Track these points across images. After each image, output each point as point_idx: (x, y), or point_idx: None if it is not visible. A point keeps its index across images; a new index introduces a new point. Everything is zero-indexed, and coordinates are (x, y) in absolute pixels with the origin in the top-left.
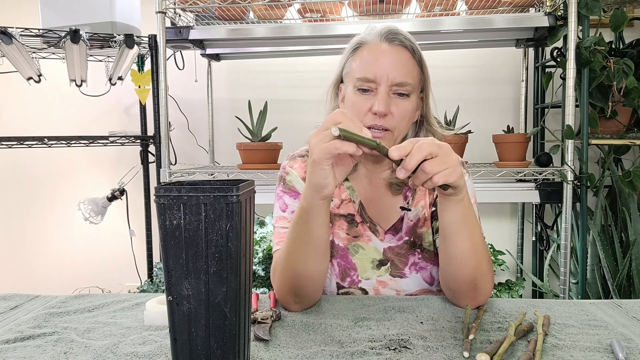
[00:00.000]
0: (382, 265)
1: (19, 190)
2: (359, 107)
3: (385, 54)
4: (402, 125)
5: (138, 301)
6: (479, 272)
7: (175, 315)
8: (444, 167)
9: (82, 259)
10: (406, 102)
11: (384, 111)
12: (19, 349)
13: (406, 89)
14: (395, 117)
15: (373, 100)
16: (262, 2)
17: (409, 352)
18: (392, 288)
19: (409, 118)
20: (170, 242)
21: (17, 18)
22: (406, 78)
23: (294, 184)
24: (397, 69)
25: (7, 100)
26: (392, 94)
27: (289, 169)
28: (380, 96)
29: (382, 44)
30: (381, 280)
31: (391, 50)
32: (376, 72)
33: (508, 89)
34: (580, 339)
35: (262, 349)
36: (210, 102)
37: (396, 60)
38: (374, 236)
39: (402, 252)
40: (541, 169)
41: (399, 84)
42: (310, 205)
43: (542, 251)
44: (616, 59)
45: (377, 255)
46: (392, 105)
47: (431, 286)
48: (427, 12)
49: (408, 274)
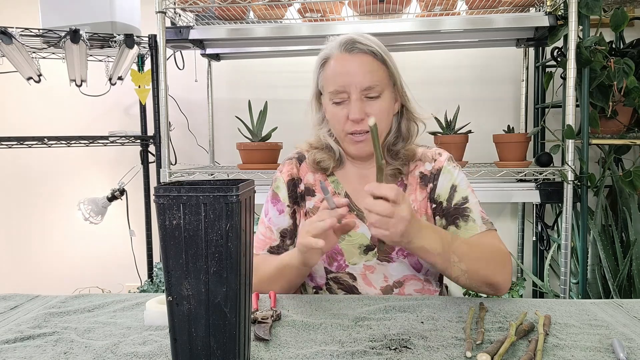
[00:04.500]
0: (370, 250)
1: (19, 190)
2: (337, 118)
3: (349, 63)
4: (382, 123)
5: (138, 301)
6: (490, 277)
7: (175, 316)
8: (384, 228)
9: (82, 259)
10: (379, 102)
11: (359, 117)
12: (19, 349)
13: (376, 91)
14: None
15: (348, 108)
16: (262, 2)
17: (410, 352)
18: (379, 273)
19: (387, 115)
20: (170, 242)
21: (17, 18)
22: (372, 81)
23: (278, 191)
24: (362, 75)
25: (7, 100)
26: (365, 98)
27: (278, 174)
28: (353, 104)
29: (343, 54)
30: (369, 265)
31: (353, 59)
32: (344, 83)
33: (508, 89)
34: (581, 339)
35: (263, 348)
36: (210, 102)
37: (360, 67)
38: (361, 223)
39: None
40: (541, 169)
41: (368, 88)
42: (295, 266)
43: (542, 251)
44: (616, 59)
45: (364, 240)
46: (367, 109)
47: (419, 273)
48: (427, 12)
49: (395, 258)
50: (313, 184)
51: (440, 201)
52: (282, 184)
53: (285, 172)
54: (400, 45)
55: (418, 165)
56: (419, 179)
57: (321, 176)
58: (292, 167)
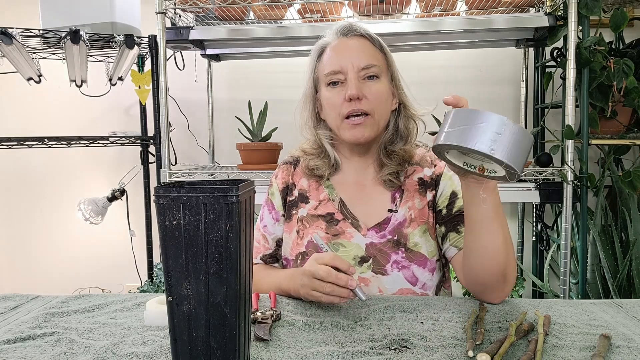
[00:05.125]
0: (364, 262)
1: (19, 190)
2: (334, 100)
3: (346, 45)
4: (380, 109)
5: (138, 301)
6: (509, 262)
7: (175, 316)
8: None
9: (82, 259)
10: (377, 83)
11: (357, 93)
12: (19, 349)
13: (374, 71)
14: (371, 100)
15: (345, 89)
16: (262, 3)
17: (410, 352)
18: (374, 285)
19: (385, 100)
20: (170, 243)
21: (17, 18)
22: (371, 60)
23: (273, 198)
24: (360, 55)
25: (7, 100)
26: (362, 79)
27: (273, 180)
28: (350, 82)
29: (341, 39)
30: (363, 277)
31: (351, 41)
32: (341, 63)
33: (508, 89)
34: (580, 339)
35: (262, 349)
36: (210, 102)
37: (357, 48)
38: (356, 232)
39: (384, 249)
40: (541, 169)
41: (366, 67)
42: (291, 292)
43: (542, 251)
44: (616, 59)
45: (359, 251)
46: (364, 89)
47: (414, 286)
48: (427, 12)
49: (389, 271)
50: (307, 189)
51: (439, 209)
52: (277, 191)
53: (280, 178)
54: (400, 46)
55: (417, 170)
56: (417, 185)
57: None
58: (287, 174)
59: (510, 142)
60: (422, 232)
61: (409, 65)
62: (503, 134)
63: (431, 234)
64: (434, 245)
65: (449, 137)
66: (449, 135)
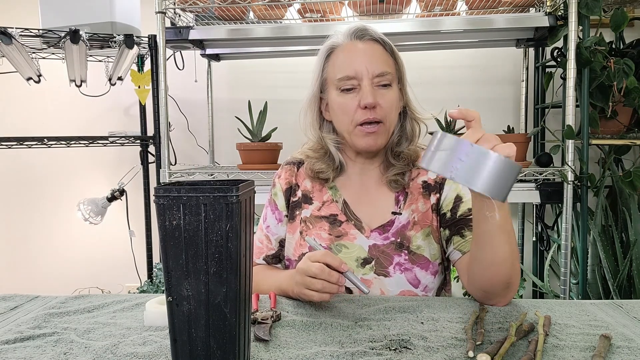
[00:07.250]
0: (367, 263)
1: (18, 190)
2: (346, 107)
3: (360, 50)
4: (392, 116)
5: (138, 302)
6: (514, 272)
7: (175, 316)
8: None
9: (82, 259)
10: (390, 92)
11: (373, 102)
12: (18, 350)
13: (387, 79)
14: (384, 108)
15: (359, 96)
16: (262, 2)
17: (410, 353)
18: (376, 287)
19: (396, 108)
20: (170, 243)
21: (17, 18)
22: (385, 68)
23: (276, 198)
24: (374, 61)
25: (7, 100)
26: (376, 87)
27: (276, 181)
28: (365, 89)
29: (354, 42)
30: (365, 278)
31: (365, 46)
32: (356, 69)
33: (508, 89)
34: (581, 340)
35: (262, 349)
36: (210, 102)
37: (372, 54)
38: (359, 233)
39: (387, 250)
40: (541, 169)
41: (380, 74)
42: (289, 293)
43: (542, 251)
44: (616, 59)
45: (361, 253)
46: (378, 97)
47: (416, 289)
48: (427, 12)
49: (392, 273)
50: (311, 190)
51: (444, 212)
52: (280, 191)
53: (283, 178)
54: (400, 46)
55: (421, 173)
56: (421, 188)
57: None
58: (290, 175)
59: (492, 174)
60: (425, 235)
61: (409, 65)
62: (484, 165)
63: (434, 237)
64: (437, 249)
65: (430, 163)
66: (430, 161)
